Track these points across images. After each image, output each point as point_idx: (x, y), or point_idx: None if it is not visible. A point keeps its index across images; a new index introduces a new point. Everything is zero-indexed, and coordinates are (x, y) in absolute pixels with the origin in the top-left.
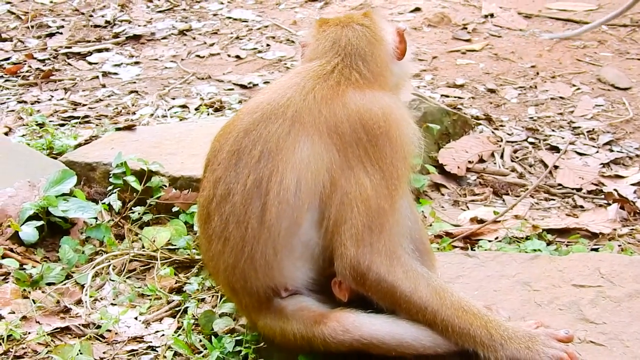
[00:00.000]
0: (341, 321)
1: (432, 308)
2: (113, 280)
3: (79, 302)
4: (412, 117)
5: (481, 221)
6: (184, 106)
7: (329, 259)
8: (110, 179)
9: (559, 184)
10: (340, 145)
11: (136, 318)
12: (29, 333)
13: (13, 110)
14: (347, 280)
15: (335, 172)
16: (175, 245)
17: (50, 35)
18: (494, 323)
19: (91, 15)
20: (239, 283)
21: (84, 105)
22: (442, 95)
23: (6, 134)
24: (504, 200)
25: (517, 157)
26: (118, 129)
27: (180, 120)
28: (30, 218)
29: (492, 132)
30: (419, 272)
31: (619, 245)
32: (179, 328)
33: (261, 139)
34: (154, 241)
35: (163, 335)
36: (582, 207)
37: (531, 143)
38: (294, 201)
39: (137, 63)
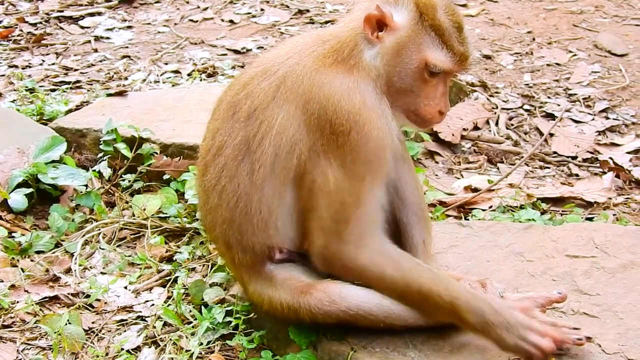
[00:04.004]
0: (327, 292)
1: (401, 292)
2: (103, 249)
3: (68, 271)
4: (388, 116)
5: (475, 190)
6: (176, 71)
7: None
8: (101, 146)
9: (554, 152)
10: (309, 125)
11: (126, 287)
12: (18, 302)
13: (3, 75)
14: (317, 264)
15: (303, 153)
16: (166, 213)
17: None
18: (463, 307)
19: None
20: (235, 237)
21: (76, 70)
22: None
23: None
24: (498, 169)
25: (512, 125)
26: (109, 95)
27: (173, 85)
28: (19, 185)
29: (487, 99)
30: (387, 256)
31: (614, 215)
32: (169, 298)
33: (252, 95)
34: (145, 209)
35: (153, 305)
36: (577, 175)
37: (526, 110)
38: (276, 168)
39: (129, 27)
